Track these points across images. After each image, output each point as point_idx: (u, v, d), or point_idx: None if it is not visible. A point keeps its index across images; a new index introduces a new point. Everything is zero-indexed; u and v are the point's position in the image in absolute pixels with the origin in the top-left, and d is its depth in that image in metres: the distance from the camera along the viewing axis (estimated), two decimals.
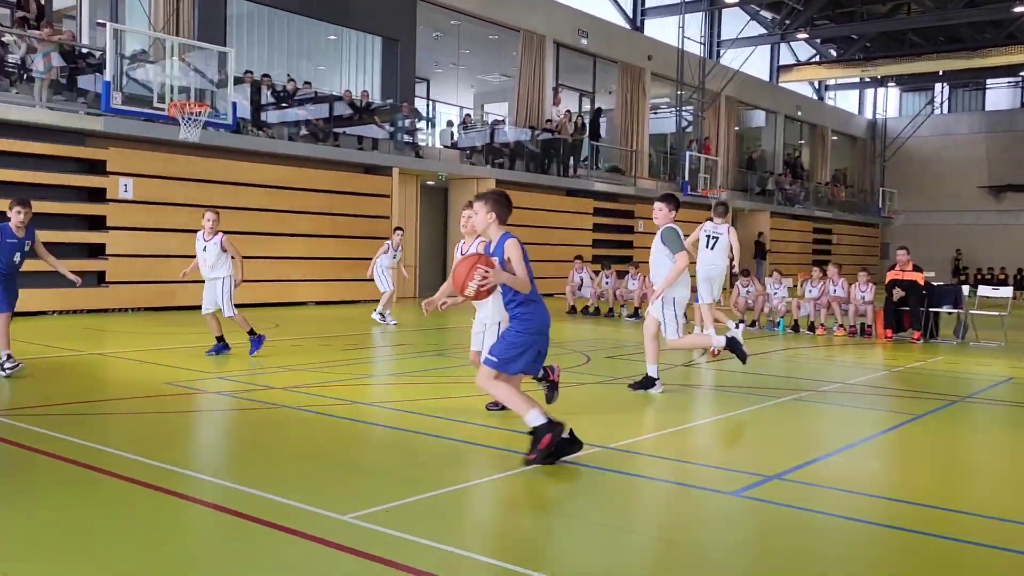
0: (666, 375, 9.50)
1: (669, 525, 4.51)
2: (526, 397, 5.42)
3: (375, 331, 13.30)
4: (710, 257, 10.93)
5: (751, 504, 4.72)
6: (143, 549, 3.90)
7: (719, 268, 10.98)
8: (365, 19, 20.81)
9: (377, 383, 8.54)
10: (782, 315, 14.79)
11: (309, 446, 5.93)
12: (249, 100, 17.12)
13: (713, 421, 7.22)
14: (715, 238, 10.91)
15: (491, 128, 23.89)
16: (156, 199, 15.42)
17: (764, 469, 5.38)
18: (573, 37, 26.52)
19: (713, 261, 10.92)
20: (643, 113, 29.23)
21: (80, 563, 3.66)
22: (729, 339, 8.27)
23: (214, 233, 9.70)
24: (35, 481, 4.84)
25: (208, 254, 9.69)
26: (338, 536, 3.95)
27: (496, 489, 4.92)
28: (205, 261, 9.71)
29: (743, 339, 9.81)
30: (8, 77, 14.21)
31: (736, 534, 4.35)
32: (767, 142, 37.80)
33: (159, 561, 3.73)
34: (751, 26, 33.10)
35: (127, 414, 6.95)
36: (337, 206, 18.13)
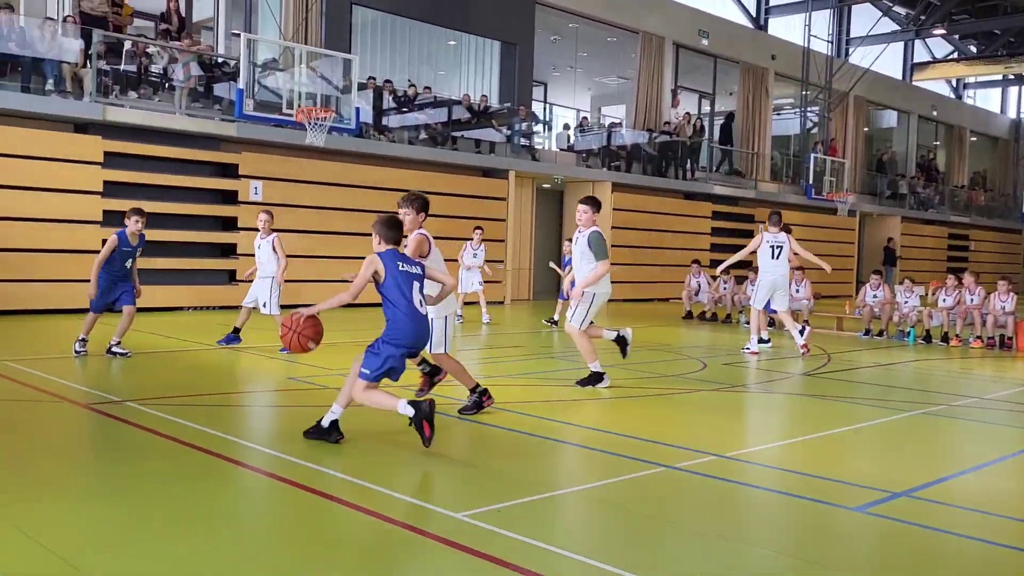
0: (789, 384, 9.19)
1: (786, 539, 4.35)
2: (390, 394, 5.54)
3: (484, 332, 13.42)
4: (775, 266, 11.33)
5: (876, 521, 4.50)
6: (260, 534, 4.04)
7: (784, 275, 11.38)
8: (484, 24, 21.07)
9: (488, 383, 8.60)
10: (913, 324, 14.08)
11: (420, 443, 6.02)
12: (371, 105, 17.60)
13: (836, 433, 6.93)
14: (779, 247, 11.32)
15: (608, 131, 23.74)
16: (283, 201, 16.05)
17: (891, 485, 5.12)
18: (693, 38, 26.06)
19: (778, 269, 11.33)
20: (765, 114, 28.44)
21: (211, 545, 3.83)
22: (618, 337, 8.36)
23: (269, 232, 10.09)
24: (162, 465, 5.11)
25: (261, 252, 10.11)
26: (451, 533, 4.00)
27: (607, 493, 4.87)
28: (259, 259, 10.16)
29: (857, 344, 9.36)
30: (152, 86, 15.09)
31: (858, 552, 4.15)
32: (899, 143, 36.09)
33: (277, 548, 3.87)
34: (883, 23, 31.66)
35: (255, 407, 7.25)
36: (454, 209, 18.40)
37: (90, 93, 13.72)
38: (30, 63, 13.40)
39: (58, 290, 13.47)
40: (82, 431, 6.17)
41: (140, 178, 14.38)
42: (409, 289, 5.52)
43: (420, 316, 5.59)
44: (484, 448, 5.98)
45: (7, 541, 3.78)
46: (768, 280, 11.33)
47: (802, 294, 15.56)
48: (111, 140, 14.00)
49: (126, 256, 8.91)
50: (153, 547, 3.79)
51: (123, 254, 8.87)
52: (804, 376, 9.78)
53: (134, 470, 5.05)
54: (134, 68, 14.84)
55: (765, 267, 11.33)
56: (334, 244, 16.59)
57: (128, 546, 3.82)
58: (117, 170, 14.06)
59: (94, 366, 8.70)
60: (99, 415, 6.38)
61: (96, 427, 6.18)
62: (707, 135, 26.14)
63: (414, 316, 5.52)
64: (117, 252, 8.82)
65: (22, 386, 7.32)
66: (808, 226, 28.29)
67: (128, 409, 6.54)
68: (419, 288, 5.62)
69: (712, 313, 16.99)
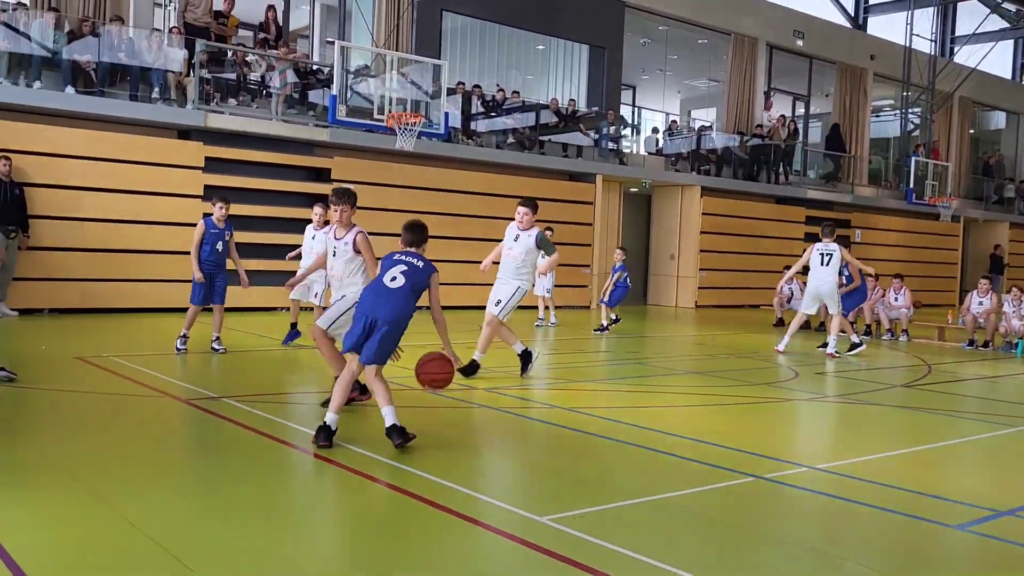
0: (886, 395, 8.87)
1: (881, 556, 4.18)
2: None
3: (571, 336, 13.37)
4: (823, 273, 11.64)
5: (979, 541, 4.29)
6: (345, 528, 4.11)
7: (831, 283, 11.66)
8: (573, 28, 21.04)
9: (573, 388, 8.57)
10: (1021, 336, 13.40)
11: (508, 446, 6.04)
12: (460, 110, 17.78)
13: (937, 447, 6.64)
14: (828, 255, 11.66)
15: (698, 134, 23.39)
16: (373, 205, 16.34)
17: (996, 503, 4.87)
18: (788, 38, 25.45)
19: (825, 277, 11.63)
20: (863, 116, 27.53)
21: (301, 538, 3.92)
22: (523, 352, 8.61)
23: (323, 225, 10.18)
24: (255, 459, 5.25)
25: (317, 243, 10.09)
26: (532, 536, 3.99)
27: (694, 502, 4.78)
28: (312, 250, 10.23)
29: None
30: (250, 93, 15.61)
31: (960, 572, 3.96)
32: (1007, 146, 34.42)
33: (364, 544, 3.93)
34: (991, 20, 30.28)
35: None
36: (541, 213, 18.31)
37: (193, 101, 14.27)
38: (138, 72, 14.03)
39: (160, 290, 14.04)
40: (181, 425, 6.41)
41: (237, 182, 14.87)
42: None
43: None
44: (569, 453, 5.95)
45: (113, 529, 3.95)
46: (813, 288, 11.78)
47: (901, 302, 15.01)
48: (211, 146, 14.54)
49: (215, 238, 9.45)
50: (243, 538, 3.90)
51: (212, 236, 9.43)
52: (903, 388, 9.42)
53: (228, 464, 5.21)
54: (234, 76, 15.37)
55: (812, 274, 11.78)
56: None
57: (220, 536, 3.94)
58: (216, 174, 14.58)
59: (193, 363, 9.04)
60: (197, 410, 6.62)
61: (194, 422, 6.41)
62: (801, 138, 25.47)
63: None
64: (206, 235, 9.41)
65: (127, 381, 7.65)
66: (908, 232, 27.28)
67: (224, 405, 6.76)
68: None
69: (805, 321, 16.52)
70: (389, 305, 5.63)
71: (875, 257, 25.53)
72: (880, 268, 21.87)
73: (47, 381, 7.74)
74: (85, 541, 3.82)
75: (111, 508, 4.19)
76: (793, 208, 23.74)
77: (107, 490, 4.48)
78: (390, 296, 5.67)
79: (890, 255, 26.27)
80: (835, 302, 11.76)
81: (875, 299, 15.30)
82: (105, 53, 13.80)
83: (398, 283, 5.71)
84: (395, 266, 5.82)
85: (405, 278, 5.76)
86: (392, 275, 5.75)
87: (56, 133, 13.17)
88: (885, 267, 23.20)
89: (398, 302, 5.67)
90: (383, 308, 5.62)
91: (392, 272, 5.77)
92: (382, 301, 5.66)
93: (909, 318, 15.02)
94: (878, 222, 26.47)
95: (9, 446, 5.40)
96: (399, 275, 5.76)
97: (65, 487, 4.53)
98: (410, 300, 5.77)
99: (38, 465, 4.96)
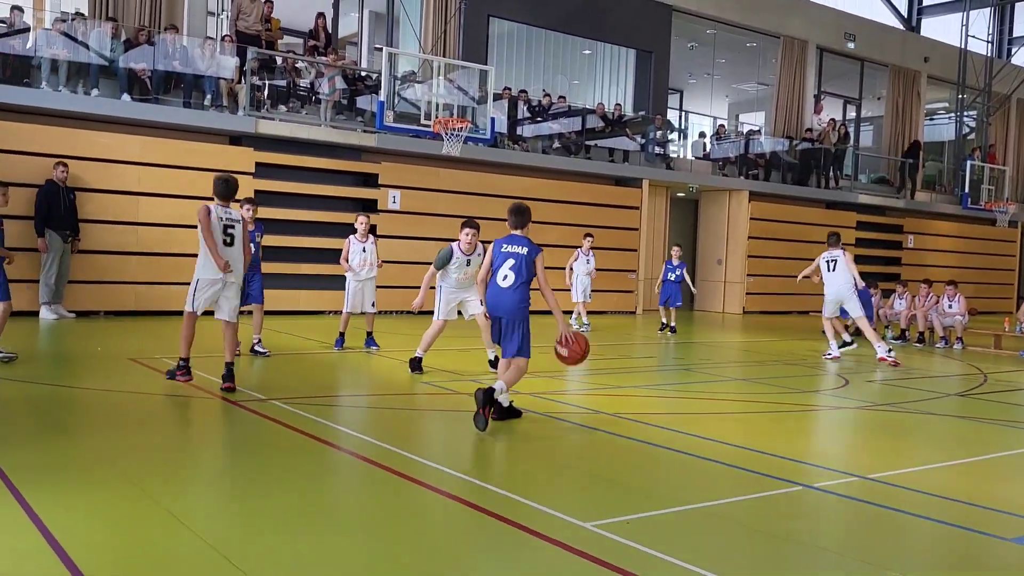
0: (939, 404, 8.68)
1: (934, 568, 4.09)
2: None
3: (617, 342, 13.30)
4: (832, 277, 11.98)
5: None
6: (391, 532, 4.15)
7: (845, 285, 11.84)
8: (620, 33, 20.98)
9: (619, 394, 8.53)
10: None
11: (552, 452, 6.03)
12: (506, 115, 17.83)
13: (991, 458, 6.48)
14: (833, 261, 12.05)
15: (746, 138, 23.15)
16: (419, 210, 16.48)
17: None
18: (838, 41, 25.07)
19: (836, 280, 11.93)
20: (917, 120, 26.99)
21: (345, 540, 3.97)
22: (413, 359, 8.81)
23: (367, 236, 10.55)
24: (303, 461, 5.32)
25: (368, 254, 10.49)
26: (577, 542, 3.98)
27: (740, 510, 4.73)
28: (366, 261, 10.50)
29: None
30: (300, 100, 15.84)
31: None
32: None
33: (409, 550, 3.96)
34: None
35: (391, 409, 7.46)
36: (587, 217, 18.37)
37: (244, 107, 14.53)
38: (191, 80, 14.34)
39: None
40: (230, 426, 6.52)
41: (287, 187, 15.10)
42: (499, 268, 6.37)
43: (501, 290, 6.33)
44: (613, 459, 5.92)
45: (163, 527, 4.03)
46: (830, 293, 12.00)
47: (955, 309, 14.68)
48: (262, 151, 14.78)
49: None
50: (291, 539, 3.96)
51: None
52: (957, 397, 9.20)
53: (277, 465, 5.29)
54: (284, 83, 15.62)
55: (825, 281, 12.11)
56: None
57: (269, 537, 4.00)
58: (267, 179, 14.82)
59: (242, 365, 9.18)
60: (246, 411, 6.73)
61: (243, 423, 6.52)
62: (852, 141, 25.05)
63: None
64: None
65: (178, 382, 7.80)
66: (963, 237, 26.67)
67: (272, 407, 6.86)
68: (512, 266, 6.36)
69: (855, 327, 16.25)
70: (507, 303, 6.22)
71: (929, 263, 25.00)
72: (934, 275, 21.45)
73: (101, 382, 7.94)
74: (137, 540, 3.91)
75: (162, 508, 4.28)
76: (844, 213, 23.36)
77: (158, 490, 4.57)
78: (505, 295, 6.24)
79: (944, 261, 25.70)
80: (855, 303, 11.88)
81: (928, 306, 14.98)
82: (160, 61, 14.12)
83: (509, 281, 6.26)
84: (504, 262, 6.30)
85: (515, 274, 6.28)
86: (503, 274, 6.28)
87: (112, 139, 13.51)
88: (939, 273, 22.71)
89: (514, 299, 6.24)
90: (504, 307, 6.21)
91: (502, 271, 6.28)
92: (501, 300, 6.22)
93: (964, 325, 14.67)
94: (932, 227, 25.92)
95: (64, 444, 5.55)
96: (508, 272, 6.28)
97: (117, 486, 4.63)
98: (524, 291, 6.30)
99: (92, 463, 5.08)
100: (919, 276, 19.89)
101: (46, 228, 12.45)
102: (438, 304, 8.91)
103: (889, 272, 23.52)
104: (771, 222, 21.54)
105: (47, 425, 6.11)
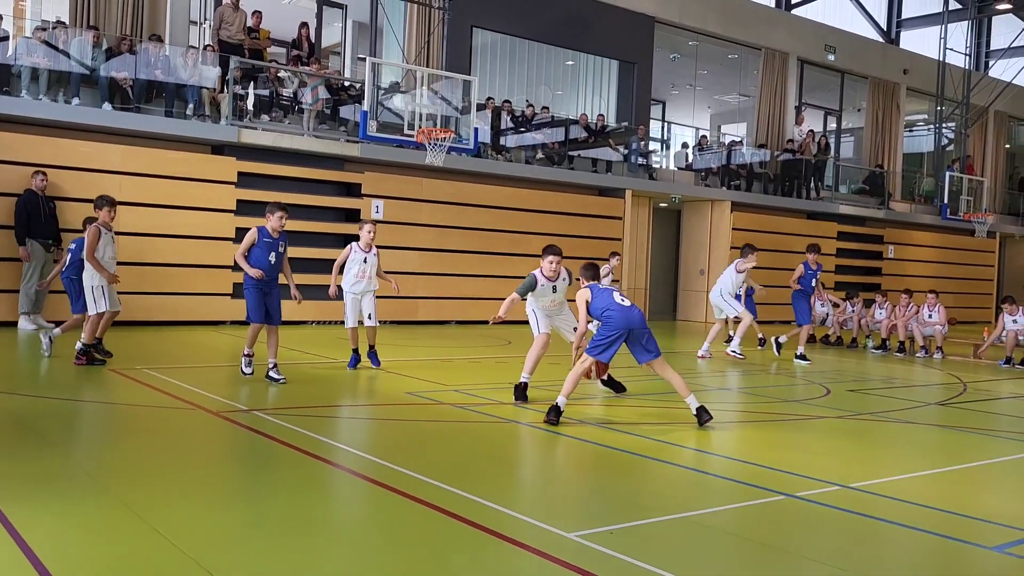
0: (919, 413, 8.74)
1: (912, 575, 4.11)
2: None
3: None
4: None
5: (1016, 563, 4.20)
6: (374, 543, 4.12)
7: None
8: (603, 44, 21.09)
9: (602, 404, 8.53)
10: None
11: (536, 461, 6.02)
12: (490, 125, 17.86)
13: (971, 467, 6.53)
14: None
15: (728, 149, 23.30)
16: (403, 219, 16.46)
17: None
18: (819, 53, 25.32)
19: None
20: (896, 131, 27.27)
21: (328, 554, 3.94)
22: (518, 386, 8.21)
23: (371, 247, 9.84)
24: (285, 472, 5.29)
25: (368, 265, 9.79)
26: (560, 552, 3.97)
27: (724, 520, 4.73)
28: (365, 273, 9.79)
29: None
30: (282, 109, 15.80)
31: None
32: None
33: (394, 560, 3.93)
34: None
35: (375, 420, 7.43)
36: (570, 228, 18.42)
37: (226, 117, 14.48)
38: (173, 89, 14.28)
39: (193, 303, 14.22)
40: (213, 438, 6.47)
41: (270, 197, 14.97)
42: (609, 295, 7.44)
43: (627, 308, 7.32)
44: (598, 469, 5.92)
45: (144, 539, 3.99)
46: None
47: (935, 319, 14.81)
48: (244, 161, 14.72)
49: (269, 249, 8.65)
50: (273, 551, 3.93)
51: (266, 245, 8.64)
52: (937, 406, 9.27)
53: (258, 476, 5.25)
54: (267, 92, 15.57)
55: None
56: (451, 261, 16.88)
57: (251, 548, 3.97)
58: (249, 189, 14.76)
59: (225, 376, 9.12)
60: (228, 423, 6.68)
61: (225, 434, 6.47)
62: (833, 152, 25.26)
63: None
64: (258, 243, 8.62)
65: (159, 393, 7.74)
66: (943, 248, 26.92)
67: (255, 418, 6.82)
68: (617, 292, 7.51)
69: (837, 337, 16.37)
70: (637, 315, 7.27)
71: (909, 273, 25.22)
72: (914, 284, 21.64)
73: (81, 393, 7.86)
74: (117, 553, 3.87)
75: (142, 520, 4.24)
76: (825, 223, 23.54)
77: (138, 502, 4.53)
78: (633, 309, 7.29)
79: (924, 271, 25.93)
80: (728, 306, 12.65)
81: (909, 316, 15.10)
82: (141, 70, 14.05)
83: (627, 300, 7.37)
84: (612, 293, 7.40)
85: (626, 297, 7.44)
86: (620, 296, 7.38)
87: (93, 148, 13.42)
88: (919, 283, 22.92)
89: (639, 310, 7.39)
90: (636, 319, 7.22)
91: (616, 296, 7.35)
92: (632, 315, 7.22)
93: (944, 335, 14.80)
94: (912, 238, 26.16)
95: (42, 456, 5.49)
96: (622, 295, 7.44)
97: (97, 498, 4.58)
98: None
99: (71, 476, 5.03)
100: (899, 286, 20.07)
101: (27, 238, 12.35)
102: (536, 322, 8.43)
103: (870, 282, 23.71)
104: (753, 232, 21.65)
105: (25, 437, 6.03)
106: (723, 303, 12.60)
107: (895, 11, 28.43)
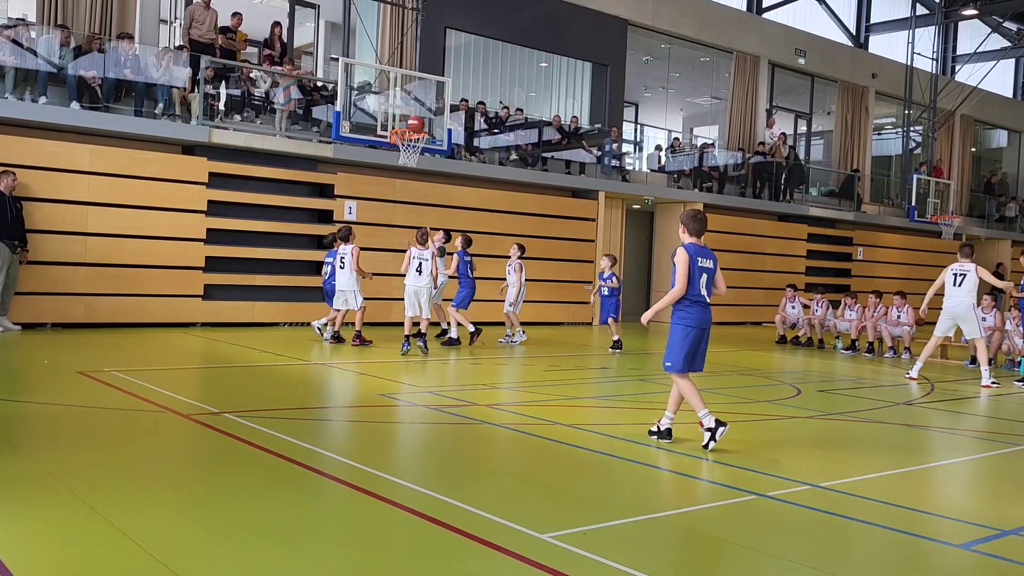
0: (888, 413, 8.86)
1: (881, 574, 4.16)
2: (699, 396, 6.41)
3: (580, 353, 13.35)
4: (955, 293, 11.21)
5: (982, 560, 4.27)
6: (347, 547, 4.10)
7: (966, 304, 11.15)
8: (576, 46, 21.16)
9: (578, 405, 8.56)
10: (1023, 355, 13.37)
11: (509, 463, 6.03)
12: (463, 126, 17.85)
13: (939, 466, 6.62)
14: (962, 275, 11.24)
15: (700, 151, 23.47)
16: (376, 220, 16.40)
17: (999, 522, 4.85)
18: (790, 57, 25.59)
19: (958, 297, 11.19)
20: (865, 134, 27.63)
21: (298, 557, 3.91)
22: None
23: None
24: (256, 475, 5.25)
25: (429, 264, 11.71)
26: (534, 553, 3.97)
27: (696, 520, 4.77)
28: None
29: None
30: (254, 109, 15.68)
31: None
32: (1009, 164, 34.50)
33: (366, 562, 3.91)
34: (992, 39, 30.43)
35: (347, 422, 7.39)
36: (544, 229, 18.45)
37: (197, 116, 14.34)
38: (143, 88, 14.11)
39: (163, 304, 14.07)
40: (182, 440, 6.40)
41: (241, 198, 14.91)
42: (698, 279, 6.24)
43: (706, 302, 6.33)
44: (570, 470, 5.93)
45: (113, 545, 3.94)
46: (948, 307, 11.30)
47: (904, 320, 15.00)
48: (216, 161, 14.59)
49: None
50: (243, 555, 3.89)
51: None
52: (905, 405, 9.39)
53: (229, 479, 5.20)
54: (239, 92, 15.45)
55: (946, 294, 11.33)
56: None
57: (221, 552, 3.93)
58: (220, 190, 14.63)
59: (195, 378, 9.04)
60: (198, 425, 6.61)
61: (195, 437, 6.40)
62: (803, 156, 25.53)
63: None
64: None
65: (128, 395, 7.65)
66: (910, 249, 27.30)
67: (225, 420, 6.76)
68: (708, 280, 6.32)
69: (807, 338, 16.53)
70: (710, 313, 6.35)
71: (878, 275, 25.55)
72: (882, 286, 21.92)
73: (48, 395, 7.75)
74: (84, 557, 3.81)
75: (110, 523, 4.18)
76: (795, 225, 23.78)
77: (107, 505, 4.47)
78: (708, 307, 6.33)
79: (892, 272, 26.28)
80: (974, 325, 11.15)
81: (877, 317, 15.29)
82: (111, 69, 13.88)
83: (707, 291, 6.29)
84: (702, 275, 6.24)
85: (708, 293, 6.33)
86: (704, 284, 6.25)
87: (61, 148, 13.23)
88: (887, 284, 23.22)
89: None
90: (710, 318, 6.30)
91: (703, 280, 6.23)
92: (709, 313, 6.30)
93: (912, 336, 15.00)
94: (881, 240, 26.50)
95: (9, 460, 5.40)
96: (704, 292, 6.30)
97: (64, 502, 4.52)
98: None
99: (38, 479, 4.95)
100: (868, 287, 20.33)
101: None
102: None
103: (839, 283, 23.99)
104: (725, 234, 21.83)
105: None
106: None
107: (864, 16, 28.79)
